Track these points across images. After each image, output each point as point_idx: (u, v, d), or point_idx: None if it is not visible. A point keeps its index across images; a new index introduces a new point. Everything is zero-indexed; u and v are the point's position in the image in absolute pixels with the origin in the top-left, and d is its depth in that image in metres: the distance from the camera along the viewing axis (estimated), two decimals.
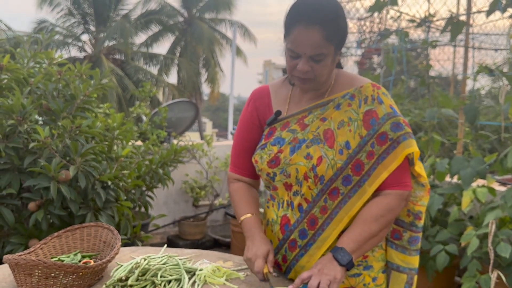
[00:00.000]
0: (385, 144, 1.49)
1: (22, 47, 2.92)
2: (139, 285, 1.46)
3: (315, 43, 1.41)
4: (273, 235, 1.67)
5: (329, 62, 1.47)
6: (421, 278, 3.20)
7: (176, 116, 5.91)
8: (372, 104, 1.52)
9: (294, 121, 1.60)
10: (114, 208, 2.66)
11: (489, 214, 2.69)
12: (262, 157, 1.60)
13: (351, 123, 1.52)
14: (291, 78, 1.55)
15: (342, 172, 1.51)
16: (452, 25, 3.24)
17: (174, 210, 5.67)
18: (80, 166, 2.46)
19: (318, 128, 1.55)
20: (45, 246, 1.63)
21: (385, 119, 1.51)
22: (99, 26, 20.16)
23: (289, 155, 1.55)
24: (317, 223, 1.54)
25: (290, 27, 1.45)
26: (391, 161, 1.49)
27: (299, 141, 1.55)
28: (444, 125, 4.79)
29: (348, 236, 1.47)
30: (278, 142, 1.58)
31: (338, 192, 1.52)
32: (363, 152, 1.50)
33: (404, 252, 1.63)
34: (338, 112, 1.54)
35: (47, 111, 2.64)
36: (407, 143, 1.50)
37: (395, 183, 1.52)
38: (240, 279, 1.59)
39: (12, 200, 2.51)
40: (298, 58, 1.46)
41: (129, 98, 17.03)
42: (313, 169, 1.50)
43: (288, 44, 1.46)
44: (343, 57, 5.02)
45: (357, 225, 1.49)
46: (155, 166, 3.17)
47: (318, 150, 1.51)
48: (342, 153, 1.50)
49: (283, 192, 1.61)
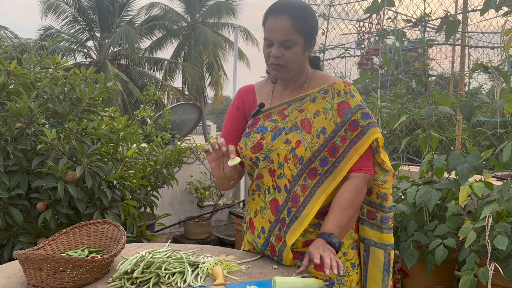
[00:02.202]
0: (356, 130, 1.71)
1: (29, 53, 3.00)
2: (144, 278, 1.51)
3: (284, 30, 1.63)
4: (263, 220, 1.79)
5: (299, 51, 1.68)
6: (421, 272, 3.25)
7: (180, 119, 5.99)
8: (345, 97, 1.74)
9: (276, 112, 1.79)
10: (120, 207, 2.73)
11: (486, 208, 2.74)
12: (246, 143, 1.77)
13: (326, 112, 1.72)
14: (268, 67, 1.75)
15: (319, 154, 1.69)
16: (447, 24, 3.29)
17: (179, 210, 5.74)
18: (87, 167, 2.54)
19: (296, 118, 1.74)
20: (54, 243, 1.68)
21: (356, 109, 1.73)
22: (104, 32, 20.28)
23: (270, 141, 1.73)
24: (299, 200, 1.70)
25: (265, 19, 1.69)
26: (361, 145, 1.70)
27: (279, 129, 1.74)
28: (443, 123, 4.85)
29: (332, 222, 1.63)
30: (261, 131, 1.76)
31: (316, 172, 1.70)
32: (337, 137, 1.70)
33: (378, 230, 1.81)
34: (313, 104, 1.74)
35: (53, 114, 2.71)
36: (374, 130, 1.72)
37: (359, 167, 1.72)
38: (241, 272, 1.65)
39: (21, 200, 2.58)
40: (272, 46, 1.67)
41: (134, 102, 17.13)
42: (292, 151, 1.69)
43: (264, 35, 1.68)
44: (343, 58, 5.08)
45: (337, 211, 1.65)
46: (159, 166, 3.24)
47: (296, 135, 1.70)
48: (319, 137, 1.70)
49: (268, 179, 1.76)
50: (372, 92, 5.50)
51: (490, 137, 4.21)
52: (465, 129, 3.84)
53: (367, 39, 5.45)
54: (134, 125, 3.31)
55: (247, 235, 1.91)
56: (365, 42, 5.44)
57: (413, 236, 3.16)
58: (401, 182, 3.73)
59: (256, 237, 1.82)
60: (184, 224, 5.51)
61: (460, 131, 4.19)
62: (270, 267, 1.70)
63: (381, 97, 4.06)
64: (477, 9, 3.52)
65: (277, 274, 1.63)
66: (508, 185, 2.80)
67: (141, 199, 3.04)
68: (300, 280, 1.51)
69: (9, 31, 16.79)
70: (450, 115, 3.58)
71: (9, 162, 2.52)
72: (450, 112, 3.46)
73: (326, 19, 5.06)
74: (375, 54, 5.02)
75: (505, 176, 3.60)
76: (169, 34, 22.09)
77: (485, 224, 2.67)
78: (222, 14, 22.65)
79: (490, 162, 3.08)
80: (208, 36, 20.88)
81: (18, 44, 14.95)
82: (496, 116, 3.44)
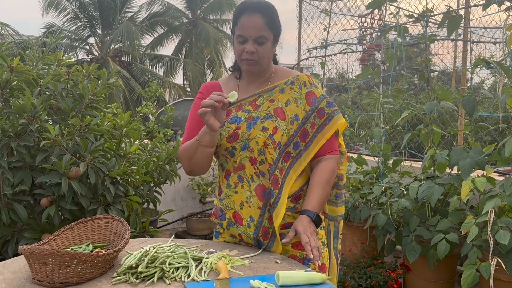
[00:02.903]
0: (323, 117, 1.88)
1: (31, 50, 3.01)
2: (148, 272, 1.52)
3: (258, 26, 1.75)
4: (251, 209, 1.83)
5: (269, 47, 1.80)
6: (423, 267, 3.26)
7: (182, 115, 5.99)
8: (310, 87, 1.91)
9: (247, 103, 1.89)
10: (124, 202, 2.74)
11: (488, 202, 2.74)
12: (221, 134, 1.84)
13: (296, 101, 1.88)
14: (240, 64, 1.86)
15: (293, 138, 1.84)
16: (449, 19, 3.29)
17: (182, 206, 5.76)
18: (90, 163, 2.55)
19: (269, 108, 1.86)
20: (58, 238, 1.68)
21: (321, 98, 1.91)
22: (105, 29, 20.26)
23: (246, 131, 1.82)
24: (279, 182, 1.81)
25: (237, 17, 1.80)
26: (328, 129, 1.88)
27: (253, 118, 1.84)
28: (446, 118, 4.84)
29: (316, 199, 1.80)
30: (235, 121, 1.85)
31: (290, 155, 1.85)
32: (308, 123, 1.87)
33: (332, 204, 2.03)
34: (283, 94, 1.89)
35: (56, 110, 2.72)
36: (338, 116, 1.90)
37: (331, 149, 1.91)
38: (245, 266, 1.66)
39: (25, 196, 2.59)
40: (245, 43, 1.78)
41: (136, 99, 17.14)
42: (270, 137, 1.80)
43: (237, 32, 1.79)
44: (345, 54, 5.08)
45: (317, 189, 1.82)
46: (162, 162, 3.25)
47: (272, 123, 1.82)
48: (293, 123, 1.84)
49: (249, 168, 1.84)
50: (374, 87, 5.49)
51: (492, 132, 4.21)
52: (467, 124, 3.84)
53: (369, 34, 5.44)
54: (137, 122, 3.31)
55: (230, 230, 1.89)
56: (367, 38, 5.43)
57: (415, 231, 3.17)
58: (403, 177, 3.74)
59: (246, 227, 1.83)
60: (186, 220, 5.52)
61: (462, 126, 4.19)
62: (273, 262, 1.71)
63: (383, 93, 4.06)
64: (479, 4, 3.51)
65: (281, 269, 1.64)
66: (510, 180, 2.80)
67: (144, 195, 3.05)
68: (303, 274, 1.52)
69: (11, 28, 16.78)
70: (452, 110, 3.58)
71: (13, 159, 2.53)
72: (452, 107, 3.47)
73: (328, 15, 5.06)
74: (377, 49, 5.02)
75: (507, 171, 3.61)
76: (170, 30, 22.06)
77: (487, 219, 2.68)
78: (224, 10, 22.60)
79: (492, 157, 3.09)
80: (210, 32, 20.85)
81: (20, 41, 14.95)
82: (498, 111, 3.44)
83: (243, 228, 1.84)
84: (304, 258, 1.86)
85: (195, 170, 1.89)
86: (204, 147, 1.75)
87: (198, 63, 21.30)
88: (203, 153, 1.77)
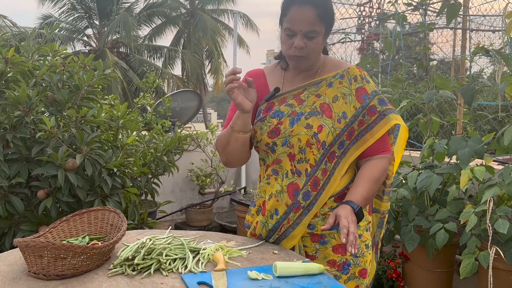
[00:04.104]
0: (374, 115, 1.75)
1: (27, 41, 2.98)
2: (145, 264, 1.51)
3: (309, 20, 1.60)
4: (279, 203, 1.76)
5: (320, 41, 1.67)
6: (422, 256, 3.26)
7: (180, 106, 5.97)
8: (362, 82, 1.77)
9: (291, 97, 1.76)
10: (121, 194, 2.73)
11: (487, 191, 2.74)
12: (262, 128, 1.75)
13: (345, 97, 1.73)
14: (288, 58, 1.73)
15: (339, 138, 1.72)
16: (448, 7, 3.26)
17: (181, 198, 5.76)
18: (86, 154, 2.53)
19: (314, 103, 1.73)
20: (54, 230, 1.67)
21: (373, 95, 1.77)
22: (103, 20, 20.18)
23: (289, 127, 1.71)
24: (319, 184, 1.72)
25: (286, 8, 1.64)
26: (378, 129, 1.74)
27: (297, 114, 1.72)
28: (444, 107, 4.83)
29: (362, 193, 1.68)
30: (277, 115, 1.74)
31: (334, 155, 1.73)
32: (356, 121, 1.73)
33: (379, 199, 1.92)
34: (331, 89, 1.74)
35: (52, 102, 2.70)
36: (393, 116, 1.77)
37: (384, 148, 1.79)
38: (242, 257, 1.65)
39: (21, 188, 2.58)
40: (294, 37, 1.63)
41: (134, 90, 17.10)
42: (315, 136, 1.69)
43: (285, 25, 1.64)
44: (343, 43, 5.05)
45: (365, 184, 1.70)
46: (159, 153, 3.23)
47: (316, 120, 1.70)
48: (340, 122, 1.71)
49: (286, 163, 1.75)
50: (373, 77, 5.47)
51: (492, 121, 4.20)
52: (466, 113, 3.83)
53: (367, 23, 5.41)
54: (134, 113, 3.30)
55: (257, 217, 1.87)
56: (365, 27, 5.40)
57: (414, 221, 3.17)
58: (402, 167, 3.73)
59: (269, 218, 1.79)
60: (185, 212, 5.53)
61: (461, 115, 4.17)
62: (270, 253, 1.71)
63: (382, 82, 4.04)
64: None
65: (278, 259, 1.63)
66: (509, 169, 2.80)
67: (142, 187, 3.04)
68: (301, 264, 1.51)
69: (8, 19, 16.71)
70: (451, 99, 3.57)
71: (9, 151, 2.52)
72: (451, 96, 3.45)
73: None
74: (375, 38, 4.99)
75: (506, 160, 3.60)
76: (168, 21, 21.97)
77: (486, 208, 2.68)
78: (221, 0, 22.51)
79: (491, 146, 3.08)
80: (207, 23, 20.78)
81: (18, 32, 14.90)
82: (498, 100, 3.43)
83: (265, 218, 1.80)
84: (344, 263, 1.77)
85: (230, 160, 1.83)
86: (237, 132, 1.70)
87: (196, 54, 21.24)
88: (238, 141, 1.72)
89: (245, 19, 22.30)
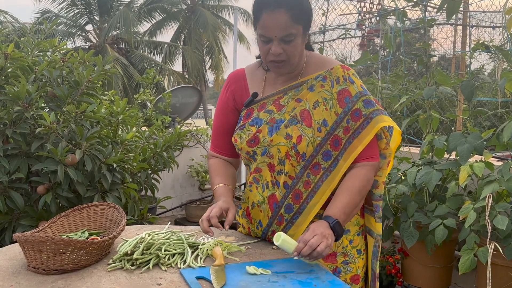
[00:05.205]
0: (359, 120, 1.63)
1: (26, 37, 2.98)
2: (144, 259, 1.52)
3: (283, 25, 1.50)
4: (262, 214, 1.74)
5: (299, 43, 1.57)
6: (421, 252, 3.27)
7: (180, 102, 5.97)
8: (345, 84, 1.65)
9: (270, 102, 1.69)
10: (121, 190, 2.73)
11: (486, 188, 2.74)
12: (241, 136, 1.70)
13: (326, 103, 1.63)
14: (267, 64, 1.65)
15: (321, 148, 1.62)
16: (448, 3, 3.26)
17: (181, 194, 5.77)
18: (86, 150, 2.53)
19: (294, 109, 1.64)
20: (54, 225, 1.68)
21: (357, 96, 1.64)
22: (103, 16, 20.15)
23: (267, 135, 1.64)
24: (302, 197, 1.65)
25: (258, 14, 1.53)
26: (366, 134, 1.62)
27: (276, 121, 1.64)
28: (444, 103, 4.83)
29: (340, 207, 1.58)
30: (256, 123, 1.67)
31: (319, 167, 1.63)
32: (340, 128, 1.62)
33: (372, 215, 1.78)
34: (312, 93, 1.65)
35: (52, 97, 2.70)
36: (379, 118, 1.64)
37: (370, 155, 1.66)
38: (241, 252, 1.66)
39: (21, 184, 2.58)
40: (270, 43, 1.54)
41: (135, 86, 17.09)
42: (294, 147, 1.60)
43: (259, 31, 1.55)
44: (343, 39, 5.04)
45: (344, 196, 1.60)
46: (159, 149, 3.23)
47: (296, 129, 1.61)
48: (320, 131, 1.61)
49: (266, 173, 1.69)
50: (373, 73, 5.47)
51: (491, 117, 4.20)
52: (466, 109, 3.82)
53: (368, 19, 5.40)
54: (134, 109, 3.30)
55: (243, 220, 1.89)
56: (366, 23, 5.39)
57: (413, 217, 3.17)
58: (401, 163, 3.73)
59: (255, 228, 1.81)
60: (185, 207, 5.54)
61: (461, 111, 4.17)
62: (269, 248, 1.71)
63: (382, 79, 4.04)
64: None
65: (277, 254, 1.64)
66: (508, 165, 2.80)
67: (141, 182, 3.04)
68: None
69: (9, 15, 16.70)
70: (451, 95, 3.57)
71: (9, 146, 2.52)
72: (451, 92, 3.45)
73: (326, 0, 5.01)
74: (376, 34, 4.98)
75: (506, 156, 3.60)
76: (168, 17, 21.93)
77: (485, 204, 2.67)
78: None
79: (490, 142, 3.08)
80: (208, 19, 20.73)
81: (19, 28, 14.90)
82: (497, 96, 3.42)
83: (253, 227, 1.82)
84: (334, 270, 1.73)
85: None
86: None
87: (197, 50, 21.22)
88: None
89: (245, 15, 22.23)
